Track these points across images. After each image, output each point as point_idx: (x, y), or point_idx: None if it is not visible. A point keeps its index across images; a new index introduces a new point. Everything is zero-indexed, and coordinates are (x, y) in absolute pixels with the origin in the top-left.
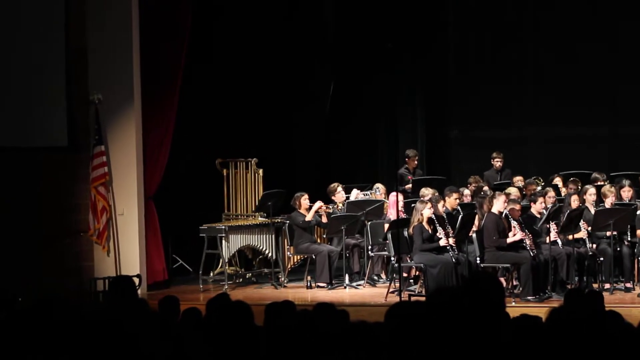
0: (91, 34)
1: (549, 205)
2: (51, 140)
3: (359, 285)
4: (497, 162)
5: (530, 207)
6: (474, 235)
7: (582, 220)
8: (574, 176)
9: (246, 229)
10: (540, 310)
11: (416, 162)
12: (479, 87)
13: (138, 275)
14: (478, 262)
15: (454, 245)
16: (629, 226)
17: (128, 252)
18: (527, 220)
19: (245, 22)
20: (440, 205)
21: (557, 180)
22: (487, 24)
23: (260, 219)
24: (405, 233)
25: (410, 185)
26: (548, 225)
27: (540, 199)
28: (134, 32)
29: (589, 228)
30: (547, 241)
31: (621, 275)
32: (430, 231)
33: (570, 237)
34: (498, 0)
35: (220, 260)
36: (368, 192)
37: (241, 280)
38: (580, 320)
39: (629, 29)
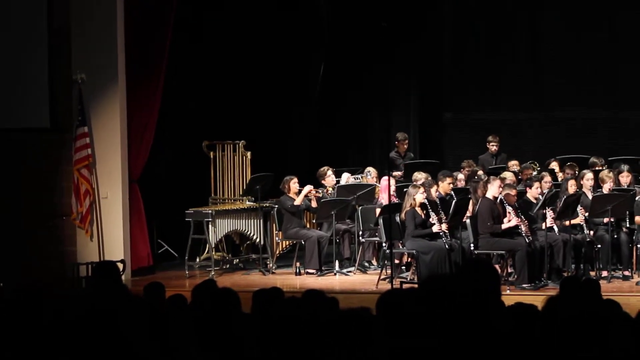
0: (74, 12)
1: (545, 191)
2: (33, 121)
3: (350, 271)
4: (493, 146)
5: (525, 192)
6: (468, 221)
7: (579, 206)
8: (571, 161)
9: (233, 213)
10: (535, 298)
11: (406, 146)
12: (474, 69)
13: (122, 261)
14: (472, 248)
15: (447, 231)
16: (627, 212)
17: (112, 236)
18: (522, 206)
19: (236, 2)
20: (433, 190)
21: (554, 165)
22: (483, 5)
23: (248, 203)
24: (397, 218)
25: (398, 173)
26: (544, 211)
27: (536, 184)
28: (118, 9)
29: (587, 214)
30: (543, 227)
31: (619, 263)
32: (422, 216)
33: (567, 222)
34: None
35: (207, 246)
36: (359, 176)
37: (228, 266)
38: (576, 309)
39: (628, 11)
